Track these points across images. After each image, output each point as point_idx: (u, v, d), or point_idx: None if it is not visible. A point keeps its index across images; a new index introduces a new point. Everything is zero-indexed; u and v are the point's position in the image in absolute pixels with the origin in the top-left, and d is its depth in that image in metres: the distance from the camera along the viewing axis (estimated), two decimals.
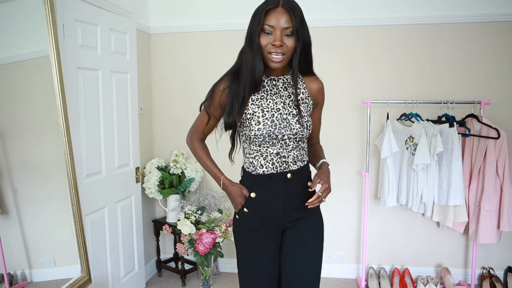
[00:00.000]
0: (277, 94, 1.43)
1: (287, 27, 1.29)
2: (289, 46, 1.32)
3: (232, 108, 1.40)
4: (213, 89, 1.46)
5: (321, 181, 1.39)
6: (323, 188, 1.38)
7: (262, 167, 1.44)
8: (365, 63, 2.81)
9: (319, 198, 1.37)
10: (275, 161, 1.43)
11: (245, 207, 1.48)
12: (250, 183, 1.48)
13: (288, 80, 1.45)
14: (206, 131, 1.55)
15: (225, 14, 2.89)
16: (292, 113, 1.42)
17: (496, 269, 2.80)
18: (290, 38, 1.31)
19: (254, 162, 1.46)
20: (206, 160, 1.56)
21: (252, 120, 1.40)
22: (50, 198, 1.99)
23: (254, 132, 1.39)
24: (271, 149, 1.42)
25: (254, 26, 1.32)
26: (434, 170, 2.50)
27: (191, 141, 1.59)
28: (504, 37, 2.66)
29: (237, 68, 1.42)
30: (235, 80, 1.41)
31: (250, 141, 1.44)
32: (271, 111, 1.41)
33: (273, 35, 1.30)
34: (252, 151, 1.46)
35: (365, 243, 2.79)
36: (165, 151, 3.07)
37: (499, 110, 2.69)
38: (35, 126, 1.93)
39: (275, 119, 1.40)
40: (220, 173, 1.53)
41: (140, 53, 2.76)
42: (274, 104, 1.42)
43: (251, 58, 1.34)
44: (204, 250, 2.48)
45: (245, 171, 1.51)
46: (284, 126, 1.40)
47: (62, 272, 1.98)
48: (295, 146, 1.45)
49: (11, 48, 1.82)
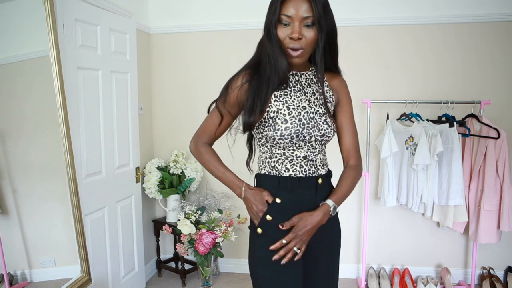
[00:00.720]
0: (301, 91, 1.26)
1: (307, 17, 1.13)
2: (309, 38, 1.16)
3: (254, 106, 1.21)
4: (229, 84, 1.27)
5: (296, 223, 1.18)
6: (291, 235, 1.18)
7: (289, 170, 1.25)
8: (365, 63, 2.81)
9: (286, 248, 1.18)
10: (303, 164, 1.25)
11: (268, 214, 1.24)
12: (273, 187, 1.26)
13: (310, 76, 1.29)
14: (218, 133, 1.34)
15: (225, 14, 2.89)
16: (319, 112, 1.26)
17: (496, 269, 2.80)
18: (310, 29, 1.15)
19: (278, 165, 1.26)
20: (220, 166, 1.32)
21: (278, 119, 1.21)
22: (50, 198, 1.99)
23: (280, 132, 1.20)
24: (297, 152, 1.24)
25: (271, 16, 1.16)
26: (434, 170, 2.50)
27: (195, 146, 1.35)
28: (504, 37, 2.66)
29: (256, 61, 1.25)
30: (255, 75, 1.24)
31: (273, 144, 1.25)
32: (297, 108, 1.23)
33: (291, 26, 1.15)
34: (275, 155, 1.26)
35: (365, 243, 2.79)
36: (165, 151, 3.07)
37: (499, 110, 2.69)
38: (35, 126, 1.93)
39: (302, 117, 1.22)
40: (240, 180, 1.29)
41: (140, 53, 2.76)
42: (299, 101, 1.24)
43: (272, 51, 1.18)
44: (204, 250, 2.48)
45: (264, 176, 1.29)
46: (312, 126, 1.23)
47: (62, 272, 1.98)
48: (321, 150, 1.29)
49: (11, 48, 1.82)
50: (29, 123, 1.90)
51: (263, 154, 1.30)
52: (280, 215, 1.23)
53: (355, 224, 2.96)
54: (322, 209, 1.22)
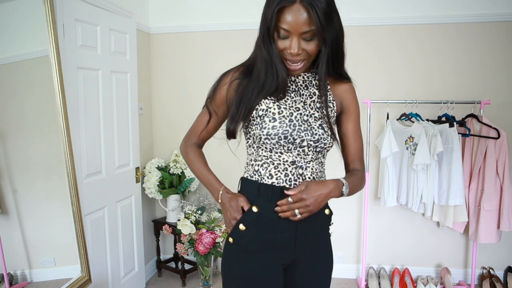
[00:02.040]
0: (296, 92, 1.16)
1: (306, 32, 1.01)
2: (310, 51, 1.05)
3: (237, 111, 1.11)
4: (219, 80, 1.18)
5: (302, 188, 1.06)
6: (296, 197, 1.05)
7: (272, 177, 1.12)
8: (365, 63, 2.81)
9: (289, 206, 1.06)
10: (289, 171, 1.12)
11: (242, 223, 1.13)
12: (252, 194, 1.14)
13: (309, 78, 1.18)
14: (206, 132, 1.24)
15: (225, 14, 2.89)
16: (314, 116, 1.14)
17: (496, 269, 2.80)
18: (311, 42, 1.04)
19: (261, 170, 1.14)
20: (202, 167, 1.23)
21: (266, 117, 1.10)
22: (50, 198, 1.99)
23: (267, 130, 1.09)
24: (285, 156, 1.12)
25: (267, 22, 1.04)
26: (434, 170, 2.50)
27: (184, 146, 1.28)
28: (505, 37, 2.66)
29: (252, 61, 1.14)
30: (248, 74, 1.13)
31: (259, 145, 1.13)
32: (290, 109, 1.12)
33: (288, 39, 1.03)
34: (260, 157, 1.14)
35: (365, 243, 2.79)
36: (165, 151, 3.07)
37: (499, 110, 2.69)
38: (35, 126, 1.93)
39: (293, 118, 1.11)
40: (219, 183, 1.20)
41: (140, 53, 2.76)
42: (293, 102, 1.14)
43: (269, 58, 1.07)
44: (204, 250, 2.48)
45: (246, 180, 1.18)
46: (305, 129, 1.11)
47: (62, 272, 1.98)
48: (314, 158, 1.15)
49: (11, 48, 1.82)
50: (29, 123, 1.90)
51: (249, 155, 1.19)
52: (255, 225, 1.12)
53: (355, 224, 2.96)
54: (335, 181, 1.09)
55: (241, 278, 1.14)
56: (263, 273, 1.13)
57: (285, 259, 1.16)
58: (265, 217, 1.12)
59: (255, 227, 1.12)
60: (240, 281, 1.14)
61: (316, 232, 1.18)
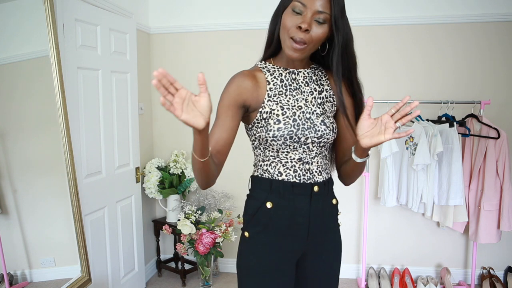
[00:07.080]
0: (298, 90, 1.19)
1: (321, 12, 1.05)
2: (315, 34, 1.07)
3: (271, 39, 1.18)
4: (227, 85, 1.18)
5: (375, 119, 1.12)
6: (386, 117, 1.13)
7: (281, 175, 1.17)
8: (365, 63, 2.80)
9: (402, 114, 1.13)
10: (297, 167, 1.17)
11: (257, 220, 1.18)
12: (265, 190, 1.18)
13: (309, 74, 1.22)
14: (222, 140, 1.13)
15: (224, 14, 2.89)
16: (316, 112, 1.18)
17: (496, 269, 2.80)
18: (320, 27, 1.07)
19: (270, 169, 1.18)
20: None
21: (270, 119, 1.14)
22: (50, 198, 1.99)
23: (272, 133, 1.13)
24: (292, 154, 1.16)
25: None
26: (434, 170, 2.50)
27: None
28: (505, 37, 2.66)
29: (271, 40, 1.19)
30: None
31: (266, 146, 1.18)
32: (292, 108, 1.16)
33: (302, 16, 1.06)
34: (267, 158, 1.19)
35: (365, 243, 2.79)
36: (165, 151, 3.07)
37: (499, 110, 2.69)
38: (35, 126, 1.93)
39: (297, 118, 1.15)
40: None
41: (140, 53, 2.76)
42: (295, 101, 1.17)
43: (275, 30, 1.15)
44: (204, 250, 2.48)
45: (257, 178, 1.22)
46: (308, 127, 1.15)
47: (62, 272, 1.98)
48: (319, 152, 1.19)
49: (11, 48, 1.82)
50: (29, 123, 1.90)
51: (256, 157, 1.23)
52: (270, 221, 1.17)
53: (355, 224, 2.96)
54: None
55: (257, 272, 1.18)
56: (279, 267, 1.18)
57: (298, 252, 1.21)
58: (278, 212, 1.17)
59: (269, 222, 1.17)
60: (258, 276, 1.18)
61: (327, 222, 1.23)
